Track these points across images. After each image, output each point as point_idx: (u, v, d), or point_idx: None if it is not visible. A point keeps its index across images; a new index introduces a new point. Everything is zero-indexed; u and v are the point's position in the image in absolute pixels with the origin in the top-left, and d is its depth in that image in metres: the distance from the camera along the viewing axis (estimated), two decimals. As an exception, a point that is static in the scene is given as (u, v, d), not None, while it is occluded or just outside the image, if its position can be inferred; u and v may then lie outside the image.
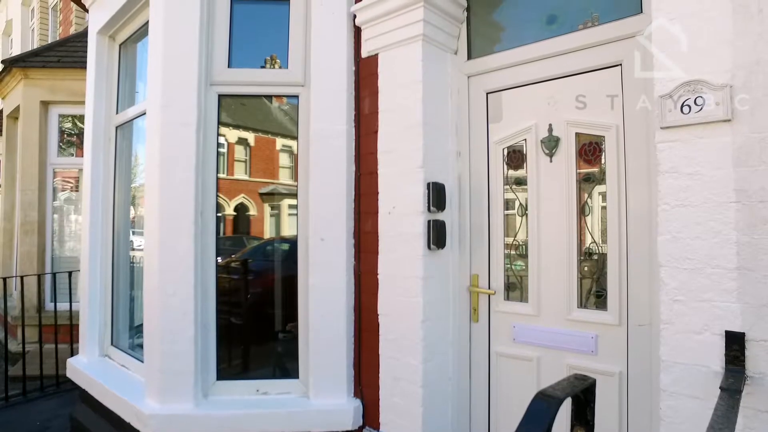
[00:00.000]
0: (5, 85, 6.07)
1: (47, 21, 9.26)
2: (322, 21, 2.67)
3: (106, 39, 3.57)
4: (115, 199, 3.52)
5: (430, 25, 2.41)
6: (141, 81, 3.41)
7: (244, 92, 2.86)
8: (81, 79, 3.98)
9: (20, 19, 10.51)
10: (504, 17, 2.53)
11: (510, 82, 2.41)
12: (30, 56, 5.94)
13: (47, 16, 9.28)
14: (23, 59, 5.84)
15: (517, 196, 2.42)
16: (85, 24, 6.60)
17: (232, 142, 3.28)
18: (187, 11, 2.67)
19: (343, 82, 2.65)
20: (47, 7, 9.27)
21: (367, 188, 2.62)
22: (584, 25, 2.19)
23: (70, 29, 7.47)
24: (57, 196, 5.89)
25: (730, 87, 1.56)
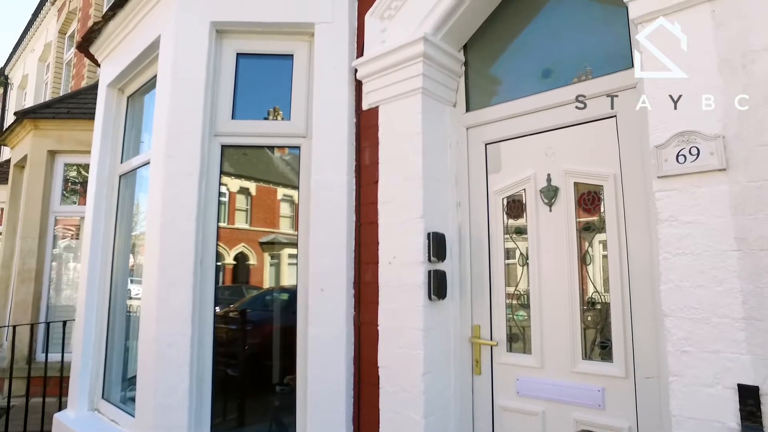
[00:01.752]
0: (16, 135, 6.22)
1: (61, 75, 9.59)
2: (324, 74, 2.76)
3: (115, 91, 3.69)
4: (115, 247, 3.52)
5: (429, 78, 2.50)
6: (146, 131, 3.49)
7: (247, 143, 2.92)
8: (88, 130, 4.07)
9: (36, 73, 10.91)
10: (501, 71, 2.62)
11: (508, 134, 2.47)
12: (41, 108, 6.12)
13: (61, 70, 9.62)
14: (34, 111, 6.01)
15: (517, 246, 2.41)
16: (96, 77, 6.84)
17: (233, 192, 3.32)
18: (194, 65, 2.77)
19: (344, 133, 2.71)
20: (62, 63, 9.63)
21: (368, 238, 2.62)
22: (578, 78, 2.27)
23: (82, 83, 7.72)
24: (57, 243, 5.89)
25: (723, 137, 1.59)
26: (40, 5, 10.36)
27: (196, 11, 2.84)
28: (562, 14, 2.39)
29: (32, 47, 11.41)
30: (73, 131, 5.69)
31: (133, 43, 3.33)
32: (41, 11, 10.50)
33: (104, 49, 3.76)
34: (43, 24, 10.66)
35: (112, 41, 3.63)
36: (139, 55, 3.26)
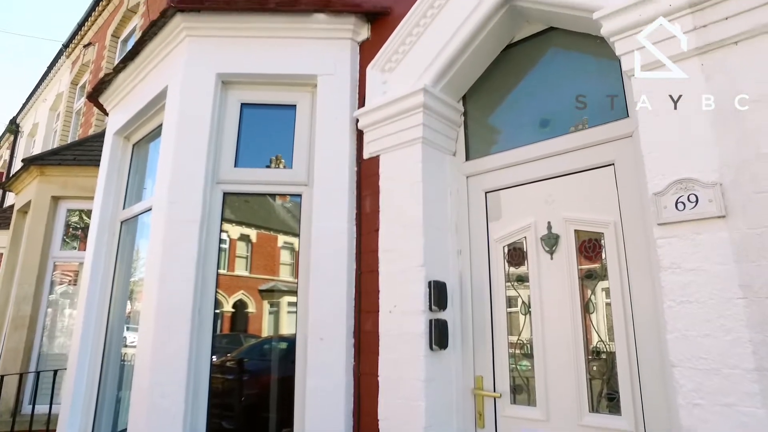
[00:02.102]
0: (21, 181, 6.29)
1: (70, 123, 9.83)
2: (327, 124, 2.83)
3: (121, 139, 3.77)
4: (112, 293, 3.48)
5: (429, 128, 2.55)
6: (150, 178, 3.53)
7: (249, 191, 2.95)
8: (93, 176, 4.13)
9: (46, 122, 11.18)
10: (499, 121, 2.68)
11: (507, 182, 2.49)
12: (49, 155, 6.23)
13: (71, 119, 9.87)
14: (42, 158, 6.12)
15: (519, 294, 2.39)
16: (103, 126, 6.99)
17: (234, 238, 3.32)
18: (199, 115, 2.84)
19: (345, 182, 2.74)
20: (72, 112, 9.89)
21: (368, 286, 2.60)
22: (575, 127, 2.32)
23: (90, 131, 7.89)
24: (54, 289, 5.83)
25: (720, 185, 1.61)
26: (56, 58, 10.76)
27: (203, 63, 2.95)
28: (557, 66, 2.47)
29: (45, 97, 11.75)
30: (77, 177, 5.76)
31: (141, 93, 3.44)
32: (56, 63, 10.89)
33: (113, 98, 3.87)
34: (57, 75, 11.04)
35: (121, 91, 3.74)
36: (146, 104, 3.35)
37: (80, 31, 9.55)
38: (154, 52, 3.29)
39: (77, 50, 9.79)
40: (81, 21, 9.34)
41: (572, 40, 2.39)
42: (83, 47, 9.39)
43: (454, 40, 2.50)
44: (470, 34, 2.47)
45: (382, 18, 2.95)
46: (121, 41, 8.18)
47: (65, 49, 10.25)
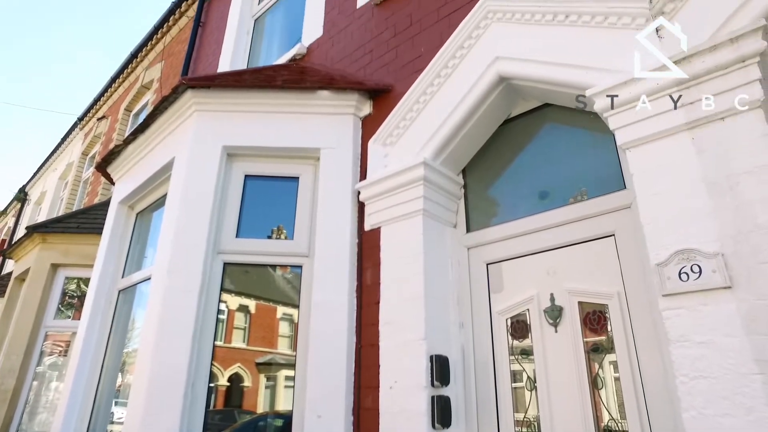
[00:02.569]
0: (23, 249, 6.30)
1: (77, 192, 10.00)
2: (328, 196, 2.87)
3: (126, 208, 3.81)
4: (104, 364, 3.37)
5: (429, 201, 2.58)
6: (151, 247, 3.54)
7: (250, 261, 2.94)
8: (95, 244, 4.13)
9: (54, 190, 11.38)
10: (499, 193, 2.72)
11: (508, 253, 2.49)
12: (52, 222, 6.28)
13: (78, 187, 10.06)
14: (45, 225, 6.16)
15: (524, 368, 2.30)
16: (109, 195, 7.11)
17: (232, 309, 3.26)
18: (204, 186, 2.89)
19: (345, 254, 2.74)
20: (80, 181, 10.10)
21: (369, 361, 2.51)
22: (574, 198, 2.34)
23: (95, 199, 8.02)
24: (42, 361, 5.63)
25: (722, 255, 1.60)
26: (70, 130, 11.15)
27: (210, 136, 3.05)
28: (554, 140, 2.55)
29: (55, 167, 12.05)
30: (79, 245, 5.77)
31: (149, 164, 3.52)
32: (70, 135, 11.27)
33: (121, 169, 3.96)
34: (69, 146, 11.38)
35: (128, 162, 3.84)
36: (152, 174, 3.42)
37: (95, 105, 9.98)
38: (163, 125, 3.41)
39: (91, 123, 10.17)
40: (97, 96, 9.78)
41: (567, 115, 2.48)
42: (97, 120, 9.77)
43: (453, 116, 2.60)
44: (468, 111, 2.57)
45: (384, 95, 3.09)
46: (133, 115, 8.51)
47: (80, 122, 10.66)
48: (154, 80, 7.54)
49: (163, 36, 7.58)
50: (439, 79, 2.72)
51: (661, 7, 1.98)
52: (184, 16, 7.05)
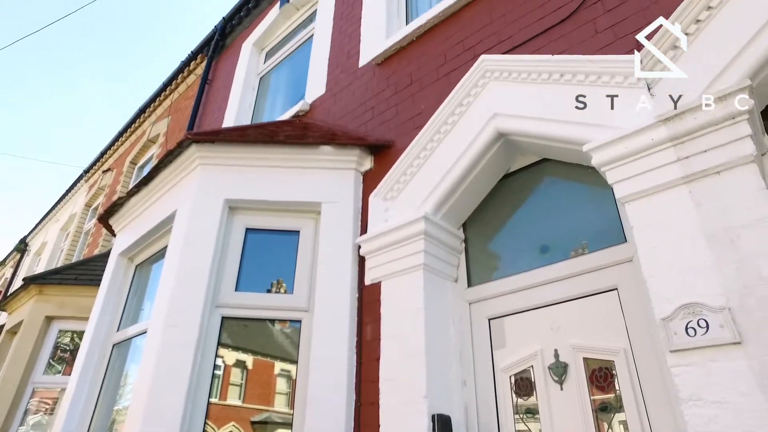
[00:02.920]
0: (18, 300, 6.21)
1: (77, 243, 9.99)
2: (329, 250, 2.87)
3: (125, 260, 3.79)
4: (92, 423, 3.24)
5: (430, 255, 2.58)
6: (148, 300, 3.49)
7: (249, 315, 2.90)
8: (92, 296, 4.08)
9: (55, 241, 11.37)
10: (500, 247, 2.72)
11: (511, 308, 2.45)
12: (50, 274, 6.23)
13: (79, 238, 10.06)
14: (43, 277, 6.11)
15: (529, 428, 2.21)
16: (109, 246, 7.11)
17: (229, 364, 3.17)
18: (205, 239, 2.90)
19: (345, 308, 2.70)
20: (81, 232, 10.13)
21: (368, 419, 2.42)
22: (576, 252, 2.33)
23: (95, 251, 8.00)
24: (26, 420, 5.38)
25: (729, 309, 1.57)
26: (76, 182, 11.30)
27: (212, 190, 3.08)
28: (553, 194, 2.57)
29: (58, 217, 12.12)
30: (76, 297, 5.70)
31: (151, 216, 3.54)
32: (75, 187, 11.42)
33: (123, 220, 3.98)
34: (74, 198, 11.50)
35: (131, 214, 3.86)
36: (154, 227, 3.43)
37: (102, 158, 10.17)
38: (167, 178, 3.46)
39: (96, 175, 10.33)
40: (104, 149, 9.99)
41: (565, 169, 2.52)
42: (102, 172, 9.93)
43: (453, 171, 2.64)
44: (468, 166, 2.61)
45: (385, 150, 3.15)
46: (138, 167, 8.66)
47: (85, 174, 10.82)
48: (160, 134, 7.74)
49: (171, 92, 7.85)
50: (439, 135, 2.79)
51: (651, 67, 2.06)
52: (193, 73, 7.33)
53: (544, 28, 2.68)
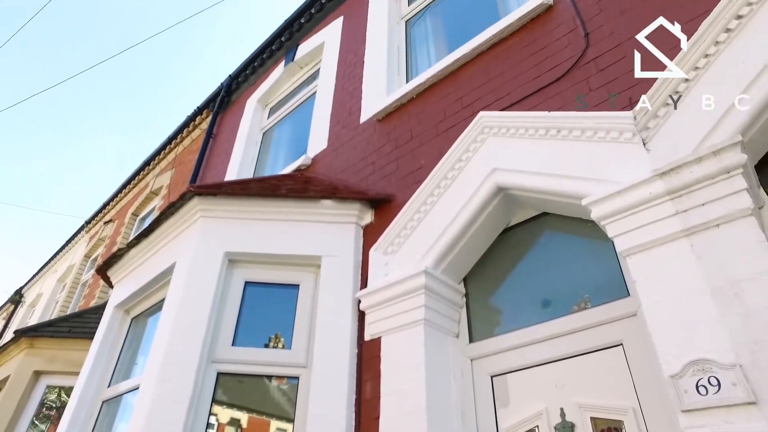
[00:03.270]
0: (7, 354, 6.04)
1: (74, 294, 9.87)
2: (328, 305, 2.83)
3: (121, 312, 3.73)
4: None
5: (431, 310, 2.54)
6: (142, 355, 3.40)
7: (245, 371, 2.81)
8: (85, 350, 3.98)
9: (51, 292, 11.22)
10: (501, 301, 2.68)
11: (514, 365, 2.38)
12: (43, 326, 6.11)
13: (76, 290, 9.94)
14: (35, 329, 5.97)
15: (538, 497, 2.09)
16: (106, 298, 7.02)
17: (222, 423, 3.04)
18: (203, 292, 2.86)
19: (345, 365, 2.63)
20: (78, 283, 10.03)
21: (367, 484, 2.30)
22: (578, 306, 2.30)
23: (92, 302, 7.89)
24: (2, 486, 5.10)
25: (741, 366, 1.53)
26: (76, 233, 11.32)
27: (213, 242, 3.08)
28: (553, 248, 2.56)
29: (56, 268, 12.04)
30: (68, 350, 5.54)
31: (150, 268, 3.52)
32: (75, 238, 11.41)
33: (121, 272, 3.95)
34: (73, 249, 11.46)
35: (130, 266, 3.84)
36: (152, 279, 3.40)
37: (104, 209, 10.24)
38: (168, 230, 3.47)
39: (97, 226, 10.36)
40: (107, 200, 10.08)
41: (565, 223, 2.53)
42: (104, 223, 9.96)
43: (453, 225, 2.65)
44: (468, 220, 2.62)
45: (386, 204, 3.17)
46: (140, 219, 8.70)
47: (86, 225, 10.86)
48: (163, 186, 7.83)
49: (176, 146, 8.02)
50: (439, 189, 2.82)
51: (645, 123, 2.11)
52: (198, 128, 7.52)
53: (540, 86, 2.77)
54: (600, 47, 2.63)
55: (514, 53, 3.09)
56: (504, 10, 3.68)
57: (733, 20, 2.00)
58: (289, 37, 6.16)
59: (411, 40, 4.49)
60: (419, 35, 4.47)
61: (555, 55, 2.83)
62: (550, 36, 2.94)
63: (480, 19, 3.69)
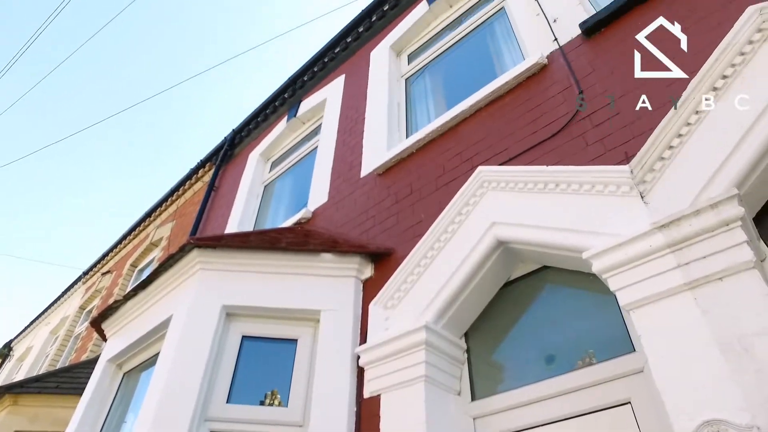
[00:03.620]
0: (-10, 412, 5.81)
1: (65, 347, 9.63)
2: (327, 361, 2.75)
3: (114, 366, 3.62)
4: None
5: (432, 366, 2.46)
6: (132, 413, 3.28)
7: (240, 430, 2.69)
8: (72, 407, 3.84)
9: (41, 345, 10.94)
10: (503, 357, 2.61)
11: (518, 425, 2.29)
12: (30, 382, 5.90)
13: (68, 342, 9.71)
14: (21, 385, 5.77)
15: None
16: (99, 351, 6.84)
17: (212, 488, 2.89)
18: (199, 346, 2.79)
19: (343, 423, 2.52)
20: (71, 335, 9.80)
21: None
22: (582, 362, 2.23)
23: (83, 356, 7.69)
24: None
25: (758, 429, 1.46)
26: (73, 283, 11.20)
27: (211, 295, 3.04)
28: (555, 302, 2.53)
29: (48, 320, 11.82)
30: (53, 408, 5.33)
31: (145, 321, 3.45)
32: (71, 289, 11.28)
33: (116, 325, 3.87)
34: (69, 300, 11.31)
35: (125, 318, 3.77)
36: (147, 332, 3.33)
37: (103, 260, 10.19)
38: (166, 282, 3.43)
39: (94, 277, 10.28)
40: (106, 251, 10.06)
41: (567, 276, 2.50)
42: (101, 274, 9.89)
43: (453, 279, 2.62)
44: (469, 274, 2.60)
45: (386, 258, 3.16)
46: (138, 270, 8.64)
47: (84, 276, 10.76)
48: (163, 238, 7.84)
49: (178, 198, 8.10)
50: (439, 243, 2.81)
51: (642, 177, 2.14)
52: (200, 180, 7.63)
53: (537, 141, 2.84)
54: (594, 104, 2.71)
55: (511, 110, 3.18)
56: (500, 68, 3.83)
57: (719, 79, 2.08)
58: (292, 93, 6.37)
59: (411, 96, 4.65)
60: (419, 92, 4.63)
61: (551, 112, 2.91)
62: (546, 93, 3.04)
63: (477, 77, 3.84)
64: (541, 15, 3.49)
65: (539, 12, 3.52)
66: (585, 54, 3.01)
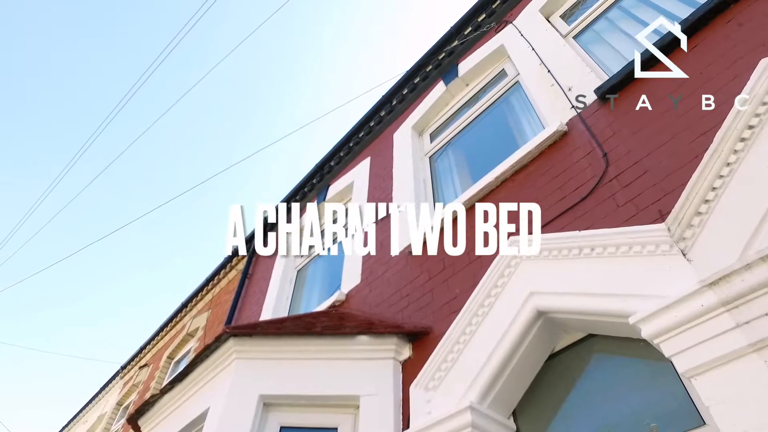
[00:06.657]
0: None
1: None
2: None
3: (151, 470, 3.51)
4: None
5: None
6: None
7: None
8: None
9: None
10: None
11: None
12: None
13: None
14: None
15: None
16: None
17: None
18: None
19: None
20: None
21: None
22: (643, 443, 2.04)
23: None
24: None
25: None
26: (111, 379, 11.18)
27: (247, 385, 2.98)
28: (607, 371, 2.37)
29: (86, 418, 11.71)
30: None
31: (181, 415, 3.38)
32: (110, 384, 11.25)
33: (153, 420, 3.79)
34: (106, 396, 11.26)
35: (162, 413, 3.70)
36: (184, 426, 3.25)
37: (140, 354, 10.23)
38: (202, 374, 3.39)
39: (132, 371, 10.27)
40: (143, 344, 10.12)
41: (615, 344, 2.36)
42: (139, 368, 9.88)
43: (495, 354, 2.51)
44: (511, 348, 2.49)
45: (423, 337, 3.07)
46: (175, 362, 8.62)
47: (122, 370, 10.77)
48: (199, 328, 7.88)
49: (213, 287, 8.22)
50: (477, 318, 2.73)
51: (680, 234, 2.06)
52: (234, 269, 7.77)
53: (567, 206, 2.81)
54: (619, 165, 2.70)
55: (537, 178, 3.20)
56: (521, 138, 3.91)
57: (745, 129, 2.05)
58: (320, 179, 6.62)
59: (436, 173, 4.75)
60: (443, 168, 4.74)
61: (577, 177, 2.91)
62: (569, 159, 3.06)
63: (500, 149, 3.92)
64: (555, 85, 3.60)
65: (553, 83, 3.64)
66: (603, 117, 3.05)
